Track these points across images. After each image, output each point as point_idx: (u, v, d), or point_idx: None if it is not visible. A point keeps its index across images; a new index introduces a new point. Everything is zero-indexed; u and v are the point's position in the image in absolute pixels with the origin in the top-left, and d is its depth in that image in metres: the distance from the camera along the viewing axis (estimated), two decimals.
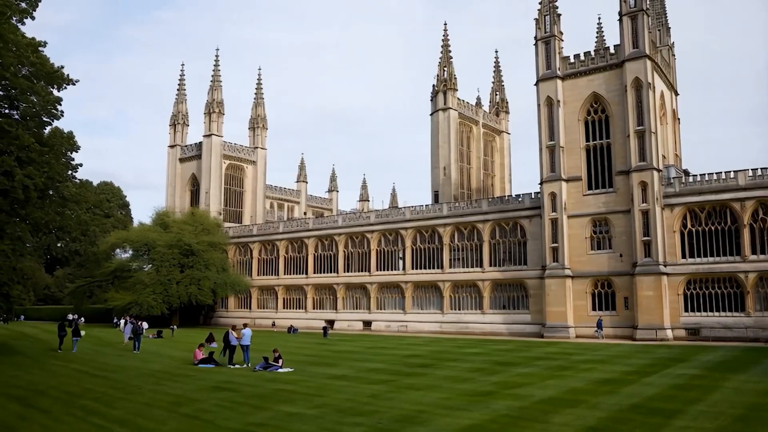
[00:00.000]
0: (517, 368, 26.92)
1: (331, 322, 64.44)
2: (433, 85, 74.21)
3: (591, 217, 51.41)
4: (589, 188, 52.14)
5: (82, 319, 71.32)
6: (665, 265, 47.53)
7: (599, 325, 47.95)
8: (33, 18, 31.33)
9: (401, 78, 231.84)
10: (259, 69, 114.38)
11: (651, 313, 46.82)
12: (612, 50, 52.10)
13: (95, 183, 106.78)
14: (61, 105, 32.42)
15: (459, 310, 58.91)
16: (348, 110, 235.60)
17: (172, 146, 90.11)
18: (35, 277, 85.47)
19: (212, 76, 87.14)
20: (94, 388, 20.98)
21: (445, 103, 72.88)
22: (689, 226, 47.97)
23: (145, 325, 39.63)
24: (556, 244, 51.84)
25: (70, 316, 70.20)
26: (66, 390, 20.56)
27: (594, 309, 50.60)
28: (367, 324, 64.37)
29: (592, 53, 53.40)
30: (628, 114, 49.69)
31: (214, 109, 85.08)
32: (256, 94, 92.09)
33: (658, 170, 48.80)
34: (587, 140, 52.80)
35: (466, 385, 21.49)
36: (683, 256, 47.91)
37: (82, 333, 39.97)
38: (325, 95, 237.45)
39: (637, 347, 39.85)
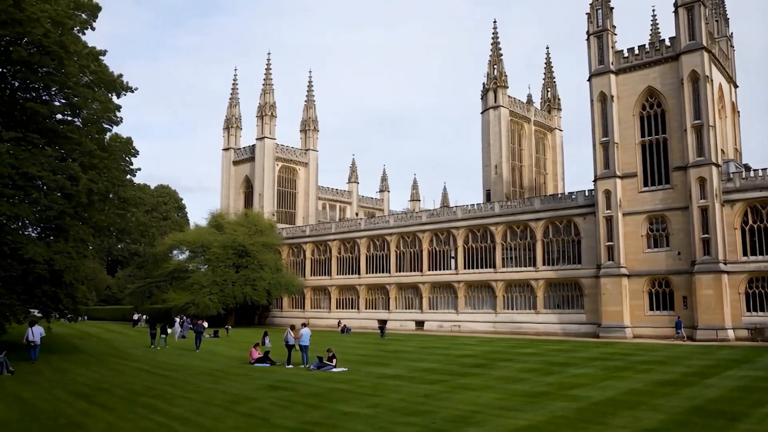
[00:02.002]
0: (573, 369, 26.54)
1: (383, 322, 64.57)
2: (483, 84, 73.76)
3: (647, 214, 50.27)
4: (645, 185, 50.99)
5: (145, 316, 73.25)
6: (725, 264, 46.16)
7: (678, 326, 46.22)
8: (93, 28, 32.45)
9: (451, 77, 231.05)
10: (310, 72, 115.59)
11: (711, 313, 45.52)
12: (667, 43, 50.85)
13: (153, 186, 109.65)
14: (120, 111, 33.49)
15: (512, 309, 58.36)
16: (398, 110, 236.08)
17: (225, 149, 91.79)
18: (97, 278, 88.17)
19: (264, 79, 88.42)
20: (155, 386, 21.53)
21: (495, 101, 72.35)
22: (750, 222, 46.45)
23: (205, 324, 40.51)
24: (611, 243, 50.87)
25: (135, 316, 72.23)
26: (128, 388, 21.15)
27: (651, 309, 49.49)
28: (420, 324, 64.36)
29: (647, 46, 52.19)
30: (685, 108, 48.44)
31: (266, 112, 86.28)
32: (307, 96, 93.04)
33: (717, 165, 47.43)
34: (642, 136, 51.66)
35: (520, 385, 21.30)
36: (744, 254, 46.43)
37: (177, 330, 44.99)
38: (375, 96, 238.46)
39: (697, 348, 38.81)
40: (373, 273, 70.40)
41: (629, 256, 50.53)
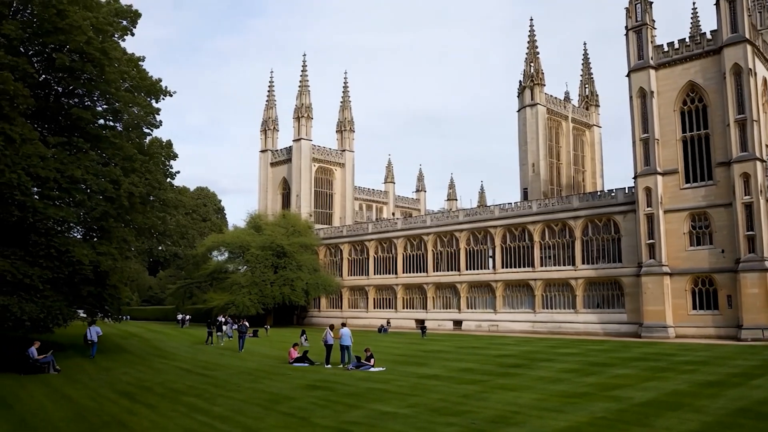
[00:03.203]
0: (614, 369, 26.16)
1: (420, 322, 64.55)
2: (520, 81, 73.17)
3: (689, 211, 49.26)
4: (687, 181, 49.97)
5: (189, 316, 74.45)
6: None
7: None
8: (133, 34, 33.11)
9: (487, 75, 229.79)
10: (345, 73, 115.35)
11: (757, 312, 44.38)
12: (709, 36, 49.74)
13: (192, 189, 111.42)
14: (159, 115, 34.08)
15: (551, 309, 57.76)
16: (434, 110, 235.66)
17: (263, 151, 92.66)
18: (139, 279, 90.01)
19: (300, 81, 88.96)
20: (196, 385, 21.88)
21: (532, 99, 71.70)
22: None
23: (246, 324, 41.07)
24: (652, 241, 49.98)
25: (180, 316, 73.43)
26: (170, 387, 21.53)
27: (694, 308, 48.44)
28: (457, 323, 64.12)
29: (687, 40, 51.12)
30: (728, 102, 47.34)
31: (302, 113, 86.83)
32: (342, 97, 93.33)
33: (762, 161, 46.24)
34: (683, 131, 50.63)
35: (561, 386, 21.08)
36: None
37: (227, 330, 46.85)
38: (410, 96, 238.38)
39: (742, 348, 37.92)
40: (410, 273, 70.38)
41: (671, 254, 49.57)
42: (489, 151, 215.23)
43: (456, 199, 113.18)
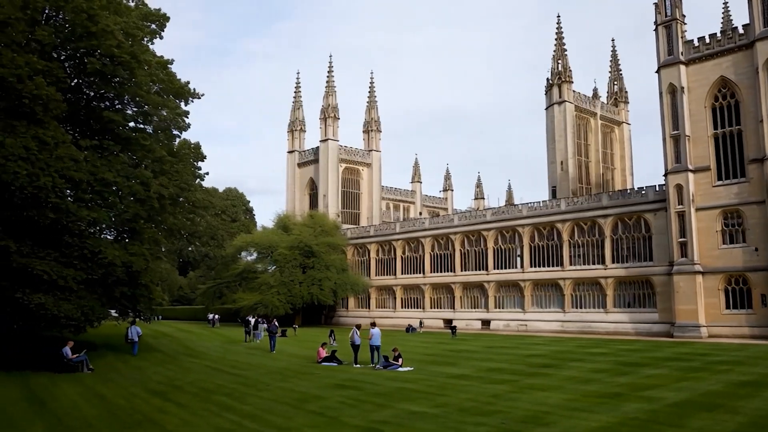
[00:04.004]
0: (646, 369, 25.82)
1: (448, 321, 64.39)
2: (547, 79, 72.62)
3: (721, 209, 48.42)
4: (719, 179, 49.13)
5: (218, 316, 75.11)
6: None
7: None
8: (162, 37, 33.47)
9: (513, 74, 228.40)
10: (371, 73, 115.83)
11: None
12: (740, 30, 48.83)
13: (221, 190, 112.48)
14: (188, 117, 34.39)
15: (581, 308, 57.20)
16: (460, 109, 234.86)
17: (290, 152, 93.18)
18: (170, 279, 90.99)
19: (326, 82, 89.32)
20: (226, 385, 22.07)
21: (560, 97, 71.10)
22: None
23: (276, 323, 41.43)
24: (683, 239, 49.23)
25: (210, 316, 74.16)
26: (201, 386, 21.74)
27: (727, 307, 47.61)
28: (486, 323, 63.82)
29: (718, 35, 50.23)
30: (761, 97, 46.41)
31: (329, 114, 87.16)
32: (369, 97, 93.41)
33: None
34: (715, 128, 49.79)
35: (592, 386, 20.85)
36: None
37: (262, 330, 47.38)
38: (437, 94, 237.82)
39: None
40: (437, 272, 70.23)
41: (703, 252, 48.77)
42: (517, 149, 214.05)
43: (483, 198, 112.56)
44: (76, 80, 30.10)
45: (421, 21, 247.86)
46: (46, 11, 27.58)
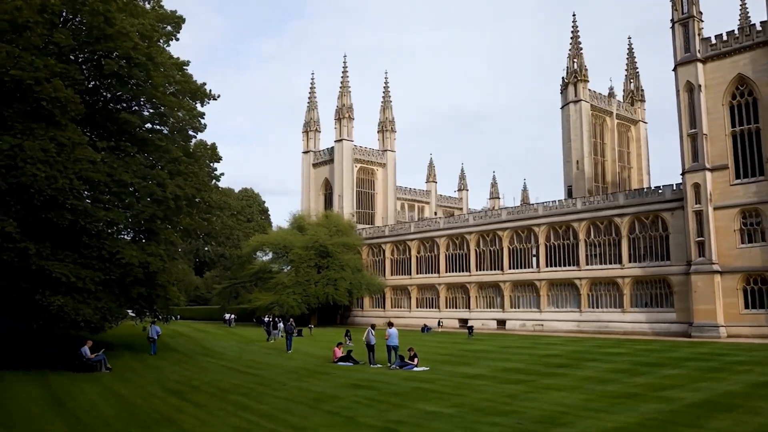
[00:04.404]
0: (664, 369, 25.61)
1: (464, 321, 64.25)
2: (563, 78, 72.20)
3: (740, 208, 47.92)
4: (737, 177, 48.63)
5: (234, 316, 75.56)
6: None
7: None
8: (177, 39, 33.67)
9: (528, 73, 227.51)
10: (386, 73, 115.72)
11: None
12: (758, 27, 48.30)
13: (237, 190, 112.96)
14: (204, 118, 34.58)
15: (597, 308, 56.85)
16: (475, 108, 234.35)
17: (305, 152, 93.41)
18: (186, 279, 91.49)
19: (341, 82, 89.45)
20: (243, 384, 22.15)
21: (575, 96, 70.71)
22: None
23: (293, 323, 41.66)
24: (701, 238, 48.79)
25: (227, 316, 74.62)
26: (217, 386, 21.82)
27: (746, 307, 47.10)
28: (501, 323, 63.62)
29: (736, 32, 49.71)
30: None
31: (343, 114, 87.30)
32: (383, 98, 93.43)
33: None
34: (733, 126, 49.29)
35: (609, 386, 20.71)
36: None
37: (278, 331, 48.01)
38: (452, 95, 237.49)
39: None
40: (452, 272, 70.11)
41: (721, 251, 48.30)
42: (532, 148, 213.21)
43: (499, 198, 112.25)
44: (93, 82, 30.36)
45: (435, 21, 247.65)
46: (64, 14, 27.83)
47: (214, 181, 36.40)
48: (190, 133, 34.72)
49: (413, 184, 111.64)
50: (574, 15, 72.86)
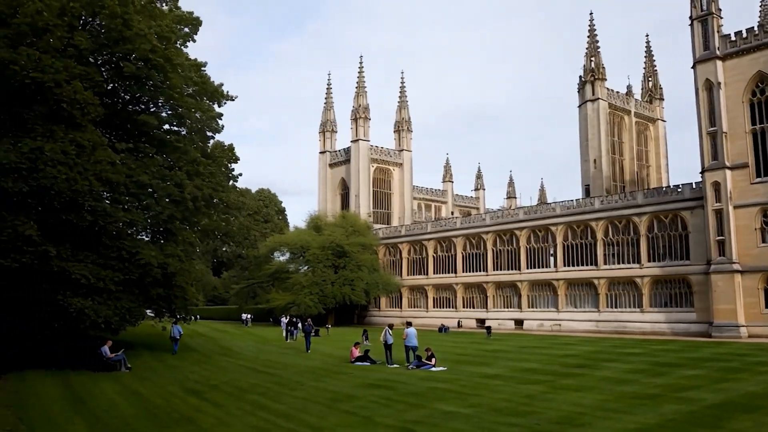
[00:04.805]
0: (684, 370, 25.38)
1: (481, 321, 64.07)
2: (580, 77, 71.77)
3: (761, 206, 47.33)
4: (758, 175, 48.04)
5: (251, 316, 75.89)
6: None
7: None
8: (194, 41, 33.87)
9: (545, 72, 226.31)
10: (402, 73, 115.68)
11: None
12: None
13: (254, 191, 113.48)
14: (221, 119, 34.80)
15: (616, 308, 56.44)
16: (492, 108, 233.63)
17: (322, 152, 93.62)
18: (204, 279, 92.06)
19: (357, 82, 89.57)
20: (260, 384, 22.28)
21: (593, 94, 70.23)
22: None
23: (310, 323, 41.84)
24: (721, 237, 48.27)
25: (244, 316, 75.02)
26: (236, 385, 21.97)
27: (767, 307, 46.58)
28: (519, 323, 63.36)
29: (755, 29, 49.08)
30: None
31: (360, 114, 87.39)
32: (399, 97, 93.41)
33: None
34: (753, 124, 48.72)
35: (627, 387, 20.56)
36: None
37: (296, 331, 48.23)
38: (469, 94, 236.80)
39: None
40: (469, 272, 69.95)
41: (742, 251, 47.76)
42: (549, 147, 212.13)
43: (515, 197, 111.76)
44: (112, 84, 30.62)
45: (451, 20, 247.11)
46: (83, 17, 28.11)
47: (231, 181, 36.58)
48: (208, 134, 34.93)
49: (430, 183, 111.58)
50: (591, 13, 72.47)
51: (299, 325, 47.91)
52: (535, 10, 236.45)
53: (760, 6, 65.81)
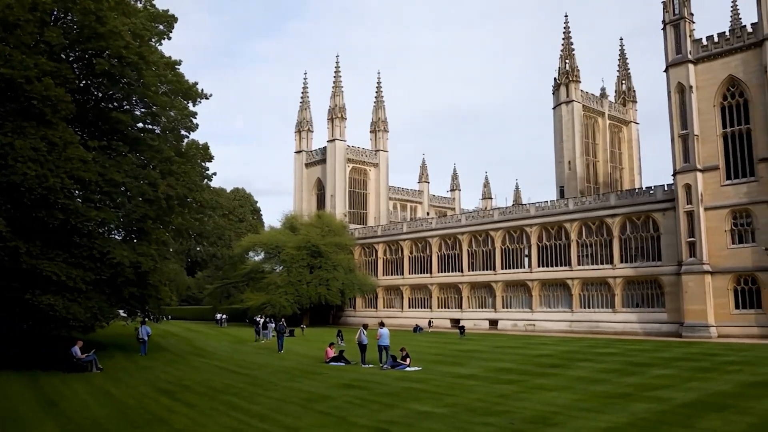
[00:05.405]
0: (655, 369, 25.70)
1: (456, 321, 64.28)
2: (555, 79, 72.39)
3: (730, 208, 48.14)
4: (728, 178, 48.85)
5: (225, 316, 75.37)
6: None
7: None
8: (170, 38, 33.58)
9: (522, 73, 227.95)
10: (378, 73, 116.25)
11: None
12: (749, 29, 48.47)
13: (228, 190, 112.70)
14: (195, 118, 34.50)
15: (589, 308, 57.00)
16: (468, 109, 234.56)
17: (297, 152, 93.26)
18: (178, 279, 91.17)
19: (333, 82, 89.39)
20: (234, 384, 22.12)
21: (567, 96, 70.87)
22: None
23: (284, 323, 41.60)
24: (692, 239, 48.99)
25: (218, 316, 74.46)
26: (209, 385, 21.79)
27: (737, 307, 47.32)
28: (493, 323, 63.70)
29: (727, 33, 49.90)
30: None
31: (336, 114, 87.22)
32: (376, 98, 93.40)
33: None
34: (724, 127, 49.50)
35: (600, 386, 20.77)
36: None
37: (269, 332, 47.58)
38: (444, 95, 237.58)
39: None
40: (445, 272, 70.17)
41: (712, 252, 48.52)
42: (524, 149, 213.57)
43: (491, 198, 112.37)
44: (84, 81, 30.24)
45: (426, 21, 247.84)
46: (55, 13, 27.71)
47: (205, 180, 36.37)
48: (183, 132, 34.66)
49: (406, 184, 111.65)
50: (566, 16, 73.77)
51: (270, 325, 47.57)
52: (516, 12, 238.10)
53: (731, 11, 66.86)
